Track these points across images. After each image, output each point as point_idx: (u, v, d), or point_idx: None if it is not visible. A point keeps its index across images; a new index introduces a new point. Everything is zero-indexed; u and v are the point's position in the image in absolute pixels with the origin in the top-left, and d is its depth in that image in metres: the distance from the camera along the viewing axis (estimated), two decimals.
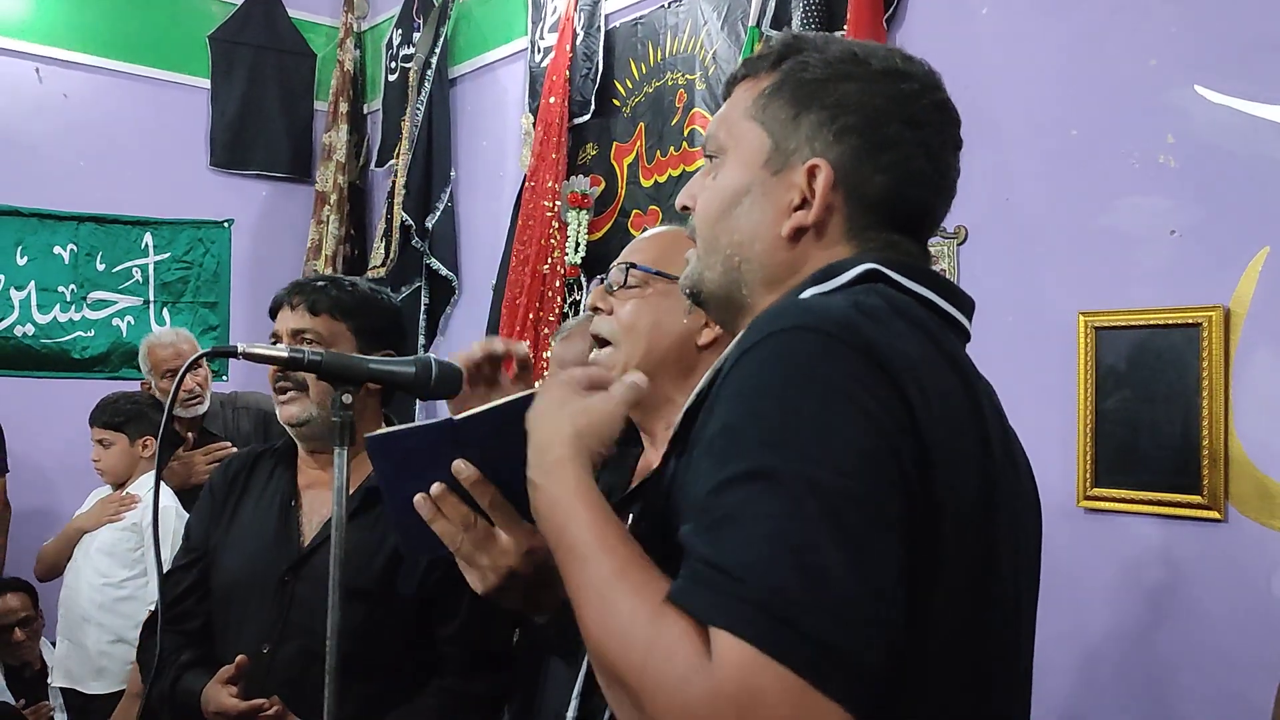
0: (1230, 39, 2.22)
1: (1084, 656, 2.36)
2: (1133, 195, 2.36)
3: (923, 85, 1.01)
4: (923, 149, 0.99)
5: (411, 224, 4.59)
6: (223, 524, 1.94)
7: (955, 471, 0.84)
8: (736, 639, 0.71)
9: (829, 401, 0.79)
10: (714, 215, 1.03)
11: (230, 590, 1.88)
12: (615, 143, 3.83)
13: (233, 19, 5.15)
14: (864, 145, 0.97)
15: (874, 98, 0.98)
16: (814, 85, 0.99)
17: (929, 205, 1.02)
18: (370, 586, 1.78)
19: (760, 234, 1.00)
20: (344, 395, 1.44)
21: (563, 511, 0.88)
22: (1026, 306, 2.48)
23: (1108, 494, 2.34)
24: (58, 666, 3.34)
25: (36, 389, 4.20)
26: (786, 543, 0.73)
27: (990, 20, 2.67)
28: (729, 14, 3.34)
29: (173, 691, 1.84)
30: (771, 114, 1.01)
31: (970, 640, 0.86)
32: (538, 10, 4.18)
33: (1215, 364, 2.18)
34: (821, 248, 0.99)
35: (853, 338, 0.82)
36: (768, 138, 1.01)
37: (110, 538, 3.27)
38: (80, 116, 4.76)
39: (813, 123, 0.98)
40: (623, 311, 1.51)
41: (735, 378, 0.84)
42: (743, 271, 1.01)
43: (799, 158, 0.99)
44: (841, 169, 0.97)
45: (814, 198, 0.97)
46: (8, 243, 4.59)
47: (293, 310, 1.85)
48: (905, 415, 0.81)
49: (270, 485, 1.94)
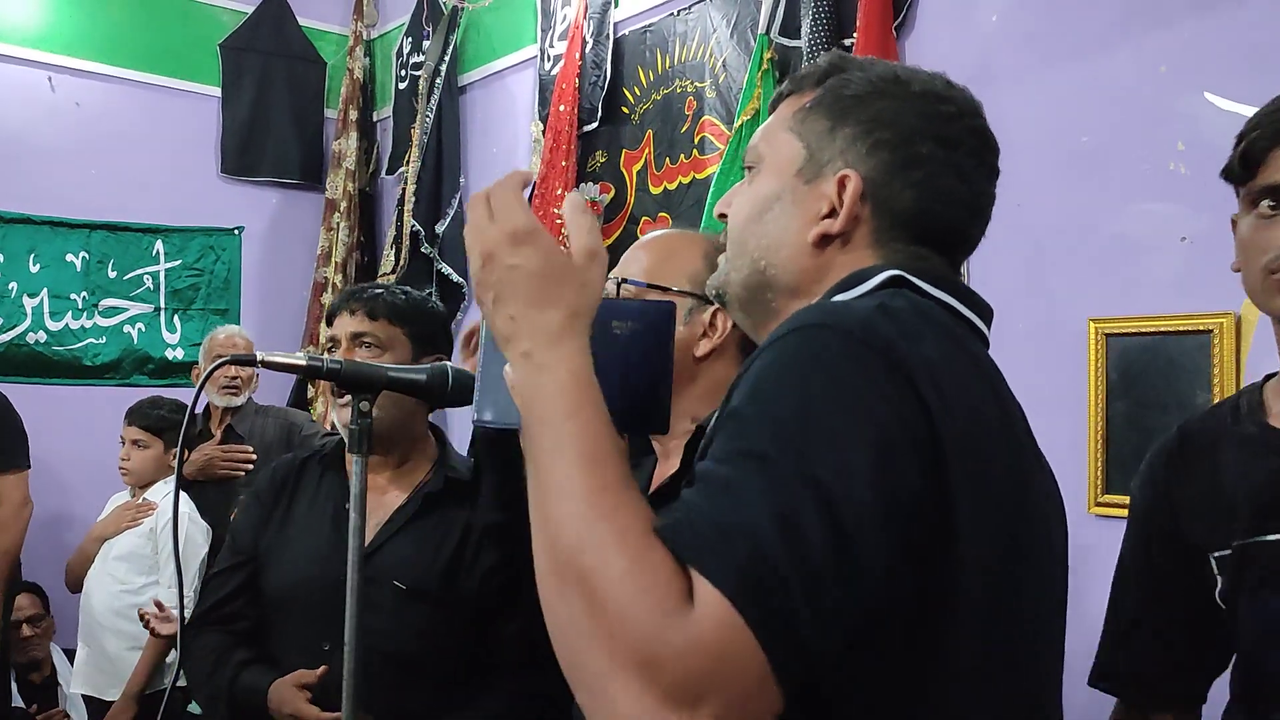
0: (1241, 46, 2.23)
1: (1093, 661, 2.35)
2: (1144, 202, 2.37)
3: (960, 109, 1.03)
4: (954, 169, 1.00)
5: (421, 230, 4.61)
6: (272, 529, 1.96)
7: (977, 472, 0.83)
8: (717, 591, 0.70)
9: (840, 399, 0.79)
10: (745, 220, 1.05)
11: (288, 592, 1.89)
12: (624, 150, 3.84)
13: (243, 27, 5.17)
14: (895, 160, 0.99)
15: (909, 116, 1.00)
16: (852, 100, 1.02)
17: (958, 224, 1.03)
18: (430, 588, 1.81)
19: (787, 240, 1.02)
20: (362, 403, 1.46)
21: (569, 401, 0.82)
22: (1037, 313, 2.48)
23: (1119, 500, 2.34)
24: (78, 673, 3.36)
25: (48, 395, 4.22)
26: (778, 516, 0.73)
27: (1000, 27, 2.67)
28: (738, 22, 3.36)
29: (232, 688, 1.85)
30: (809, 126, 1.03)
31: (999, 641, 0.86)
32: (547, 18, 4.20)
33: (1226, 371, 2.18)
34: (846, 255, 1.00)
35: (871, 338, 0.82)
36: (803, 148, 1.03)
37: (128, 544, 3.29)
38: (92, 125, 4.78)
39: (847, 136, 1.01)
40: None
41: (754, 369, 0.84)
42: (768, 276, 1.03)
43: (831, 169, 1.01)
44: (871, 181, 0.99)
45: (842, 207, 0.99)
46: (20, 250, 4.62)
47: (352, 315, 1.89)
48: (920, 418, 0.81)
49: (321, 490, 1.97)
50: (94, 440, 3.76)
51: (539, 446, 0.82)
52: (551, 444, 0.81)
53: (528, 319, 0.86)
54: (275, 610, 1.92)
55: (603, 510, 0.76)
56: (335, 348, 1.90)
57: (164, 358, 4.90)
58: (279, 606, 1.91)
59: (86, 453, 3.81)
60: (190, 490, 3.46)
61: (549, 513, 0.78)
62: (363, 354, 1.86)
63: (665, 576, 0.72)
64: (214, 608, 1.94)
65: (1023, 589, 0.89)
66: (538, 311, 0.86)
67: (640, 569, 0.72)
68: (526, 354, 0.85)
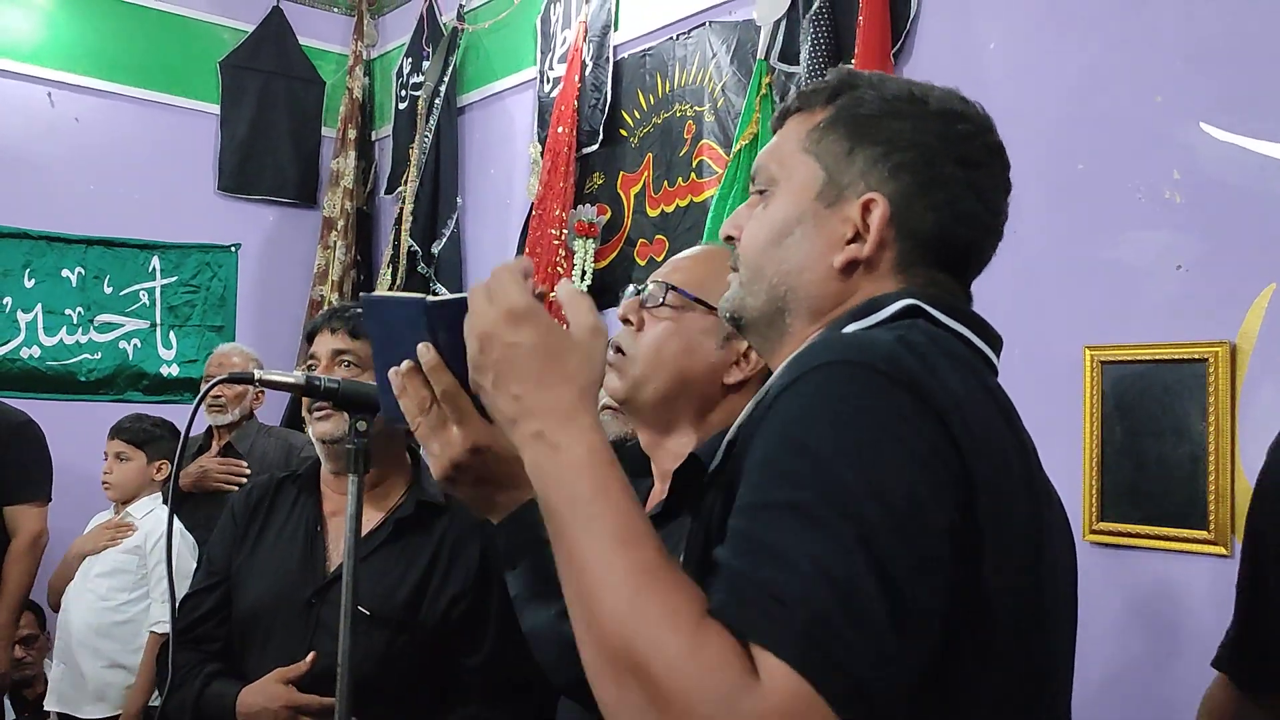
0: (1236, 76, 2.25)
1: (1091, 690, 2.35)
2: (1139, 230, 2.38)
3: (977, 127, 1.02)
4: (973, 190, 1.00)
5: (418, 250, 4.62)
6: (245, 549, 1.97)
7: (1002, 507, 0.83)
8: (782, 662, 0.69)
9: (875, 437, 0.78)
10: (762, 244, 1.03)
11: (255, 613, 1.90)
12: (623, 172, 3.85)
13: (244, 46, 5.19)
14: (916, 183, 0.98)
15: (928, 136, 0.99)
16: (869, 121, 1.00)
17: (977, 245, 1.03)
18: (393, 614, 1.80)
19: (811, 265, 1.00)
20: (359, 422, 1.45)
21: (593, 480, 0.80)
22: (1032, 340, 2.49)
23: (1114, 528, 2.34)
24: (52, 690, 3.32)
25: (43, 411, 4.18)
26: (828, 575, 0.72)
27: (997, 54, 2.69)
28: (738, 47, 3.38)
29: (200, 697, 1.85)
30: (826, 148, 1.01)
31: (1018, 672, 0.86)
32: (546, 41, 4.22)
33: (1221, 399, 2.19)
34: (871, 281, 0.99)
35: (898, 373, 0.82)
36: (821, 171, 1.01)
37: (112, 561, 3.27)
38: (91, 140, 4.79)
39: (867, 158, 0.99)
40: (653, 331, 1.45)
41: (780, 410, 0.83)
42: (788, 301, 1.01)
43: (853, 192, 0.99)
44: (895, 205, 0.98)
45: (869, 232, 0.98)
46: (16, 265, 4.61)
47: (333, 334, 1.91)
48: (951, 452, 0.80)
49: (295, 511, 1.98)
50: (89, 456, 3.73)
51: (568, 529, 0.80)
52: (581, 527, 0.79)
53: (534, 398, 0.85)
54: (245, 630, 1.92)
55: (648, 593, 0.74)
56: (315, 365, 1.91)
57: (159, 374, 4.89)
58: (248, 627, 1.91)
59: (81, 469, 3.79)
60: (183, 504, 3.44)
61: (590, 602, 0.76)
62: (342, 372, 1.87)
63: (726, 654, 0.70)
64: (188, 628, 1.94)
65: (1043, 627, 0.88)
66: (545, 389, 0.85)
67: (699, 650, 0.71)
68: (538, 434, 0.84)
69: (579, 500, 0.80)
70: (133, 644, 3.20)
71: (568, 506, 0.80)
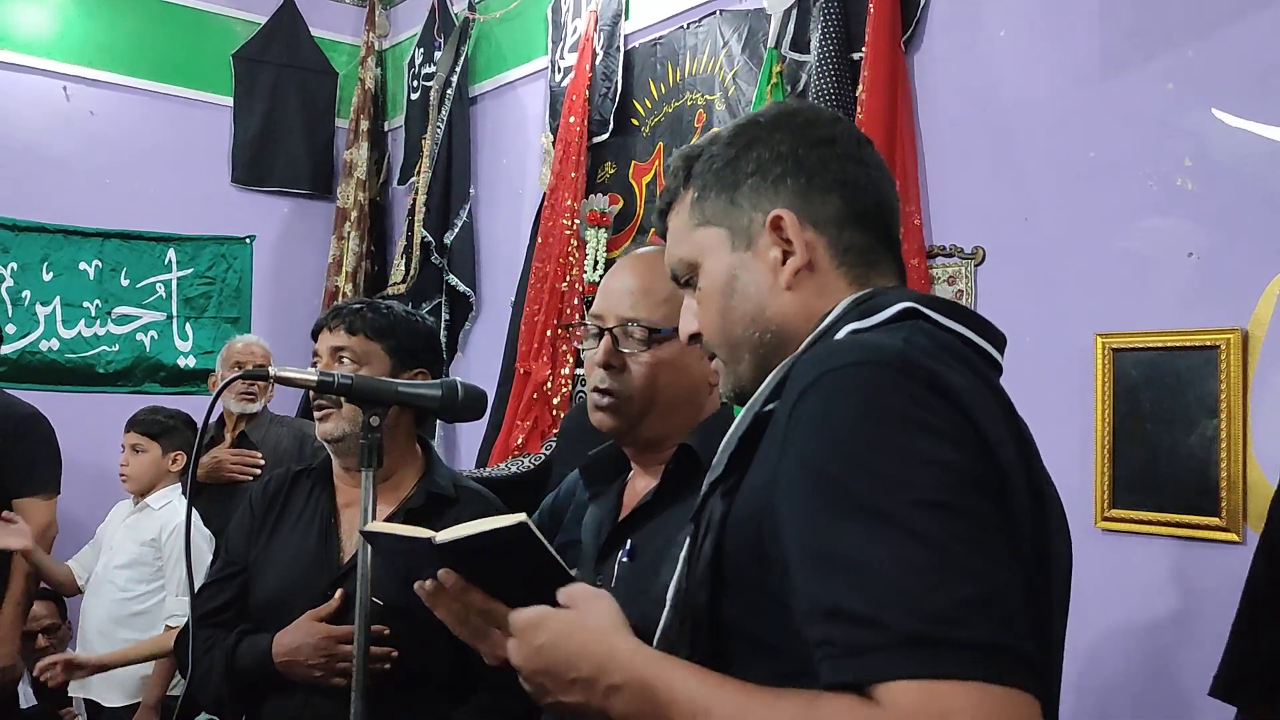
0: (1247, 63, 2.24)
1: (1102, 676, 2.36)
2: (1150, 218, 2.38)
3: (811, 113, 1.09)
4: (844, 158, 1.06)
5: (431, 241, 4.63)
6: (262, 540, 2.01)
7: (1016, 501, 0.87)
8: (903, 683, 0.73)
9: (905, 428, 0.81)
10: (719, 316, 1.08)
11: (272, 603, 1.93)
12: (634, 162, 3.86)
13: (256, 38, 5.21)
14: (799, 181, 1.04)
15: (782, 144, 1.05)
16: (728, 167, 1.07)
17: (885, 198, 1.08)
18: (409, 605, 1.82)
19: (766, 298, 1.05)
20: (372, 418, 1.47)
21: (661, 688, 0.87)
22: (1044, 328, 2.49)
23: (1125, 515, 2.35)
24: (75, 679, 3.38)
25: (61, 403, 4.23)
26: (913, 568, 0.75)
27: (1008, 42, 2.69)
28: (749, 36, 3.37)
29: (233, 654, 1.89)
30: (712, 212, 1.08)
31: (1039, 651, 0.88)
32: (558, 30, 4.23)
33: (1233, 386, 2.19)
34: (820, 277, 1.04)
35: (913, 369, 0.85)
36: (722, 229, 1.07)
37: (130, 553, 3.30)
38: (106, 134, 4.82)
39: (748, 193, 1.05)
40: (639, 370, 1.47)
41: (804, 417, 0.85)
42: (769, 343, 1.05)
43: (756, 225, 1.05)
44: (796, 208, 1.04)
45: (792, 243, 1.03)
46: (34, 259, 4.66)
47: (331, 332, 1.96)
48: (979, 440, 0.84)
49: (310, 504, 2.01)
50: (106, 448, 3.77)
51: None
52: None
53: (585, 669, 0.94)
54: (261, 620, 1.95)
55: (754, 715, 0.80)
56: (317, 362, 1.97)
57: (176, 365, 4.94)
58: (265, 616, 1.94)
59: (98, 460, 3.83)
60: (199, 495, 3.47)
61: None
62: (341, 368, 1.92)
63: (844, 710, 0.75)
64: (205, 617, 1.97)
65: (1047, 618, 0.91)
66: (581, 661, 0.94)
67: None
68: (608, 689, 0.91)
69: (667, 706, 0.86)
70: (150, 635, 3.23)
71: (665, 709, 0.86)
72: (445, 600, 1.13)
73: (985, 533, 0.78)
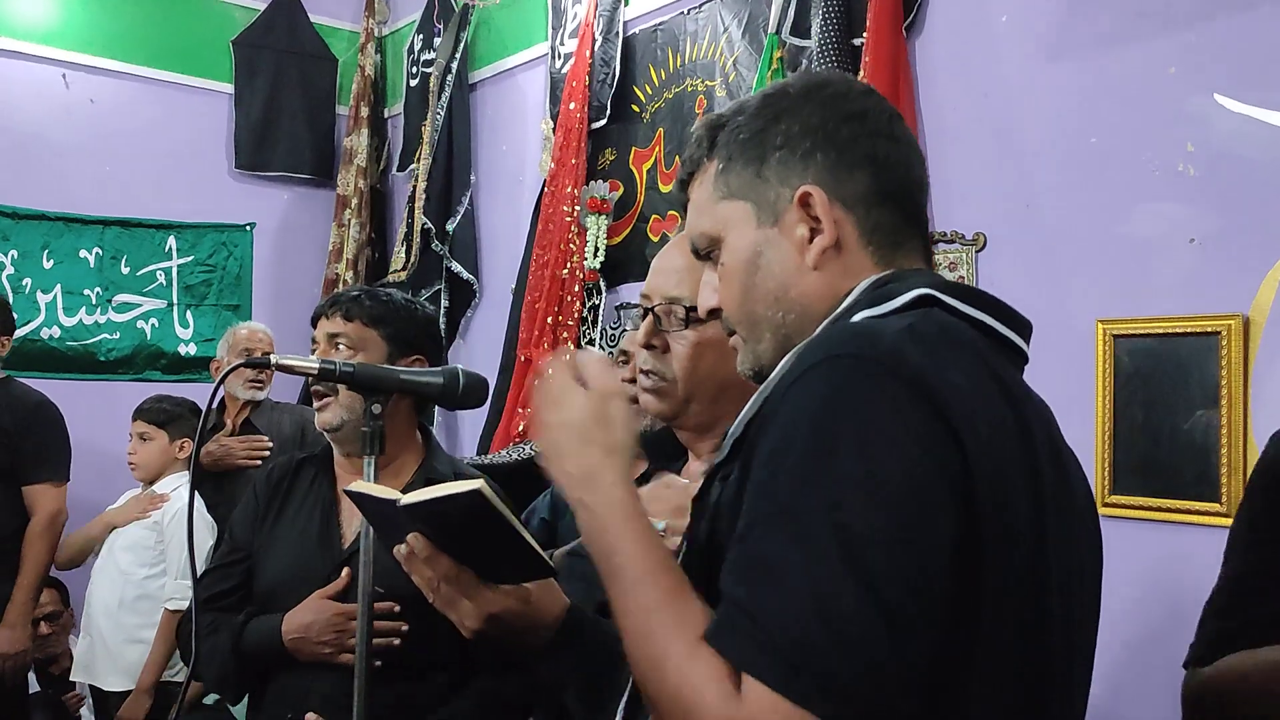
0: (1249, 48, 2.23)
1: (1103, 663, 2.36)
2: (1152, 203, 2.37)
3: (842, 85, 1.06)
4: (876, 134, 1.02)
5: (432, 228, 4.62)
6: (266, 526, 2.02)
7: (1004, 502, 0.84)
8: (761, 684, 0.76)
9: (869, 437, 0.80)
10: (741, 292, 1.05)
11: (275, 589, 1.95)
12: (634, 148, 3.85)
13: (256, 24, 5.19)
14: (829, 156, 1.01)
15: (811, 117, 1.02)
16: (755, 138, 1.04)
17: (915, 174, 1.05)
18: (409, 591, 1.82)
19: (790, 278, 1.02)
20: (374, 405, 1.48)
21: (612, 535, 0.94)
22: (1045, 314, 2.47)
23: (1126, 501, 2.35)
24: (78, 662, 3.41)
25: (62, 390, 4.23)
26: (812, 591, 0.76)
27: (1010, 28, 2.68)
28: (749, 21, 3.36)
29: (241, 633, 1.90)
30: (737, 184, 1.04)
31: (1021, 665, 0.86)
32: (558, 16, 4.21)
33: (1234, 372, 2.19)
34: (848, 257, 1.01)
35: (901, 368, 0.83)
36: (747, 203, 1.04)
37: (134, 536, 3.34)
38: (105, 121, 4.81)
39: (776, 166, 1.02)
40: (682, 350, 1.44)
41: (782, 407, 0.85)
42: (790, 324, 1.02)
43: (784, 199, 1.01)
44: (826, 184, 1.00)
45: (820, 220, 1.00)
46: (34, 246, 4.65)
47: (328, 318, 1.97)
48: (951, 449, 0.82)
49: (312, 491, 2.03)
50: (108, 435, 3.78)
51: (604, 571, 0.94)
52: (609, 572, 0.93)
53: (570, 468, 1.01)
54: (265, 605, 1.96)
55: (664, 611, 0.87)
56: (315, 349, 1.98)
57: (177, 353, 4.93)
58: (268, 601, 1.96)
59: (102, 447, 3.83)
60: (205, 482, 3.49)
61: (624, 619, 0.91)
62: (337, 354, 1.93)
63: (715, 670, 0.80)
64: (209, 602, 1.99)
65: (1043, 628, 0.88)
66: (575, 459, 1.01)
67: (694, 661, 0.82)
68: (579, 501, 0.99)
69: (604, 553, 0.94)
70: (151, 618, 3.26)
71: (603, 557, 0.95)
72: (417, 566, 1.18)
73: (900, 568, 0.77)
